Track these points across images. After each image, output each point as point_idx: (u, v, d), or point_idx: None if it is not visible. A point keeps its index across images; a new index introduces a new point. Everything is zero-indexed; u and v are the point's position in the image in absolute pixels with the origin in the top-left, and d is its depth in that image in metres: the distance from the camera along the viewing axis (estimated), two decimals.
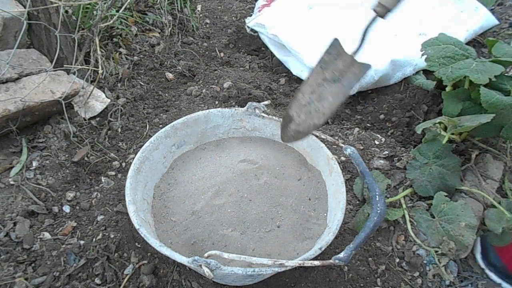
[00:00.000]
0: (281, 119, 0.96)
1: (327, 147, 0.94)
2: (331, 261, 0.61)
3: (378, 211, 0.69)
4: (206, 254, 0.63)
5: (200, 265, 0.61)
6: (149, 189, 0.90)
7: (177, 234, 0.82)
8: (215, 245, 0.79)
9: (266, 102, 1.00)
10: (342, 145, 0.89)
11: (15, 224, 0.94)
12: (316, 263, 0.63)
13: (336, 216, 0.77)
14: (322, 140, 0.94)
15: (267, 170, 0.92)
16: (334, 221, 0.77)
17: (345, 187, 0.82)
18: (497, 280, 0.95)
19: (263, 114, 0.98)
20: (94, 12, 1.37)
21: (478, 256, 1.00)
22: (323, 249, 0.70)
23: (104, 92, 1.32)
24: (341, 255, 0.62)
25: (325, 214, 0.87)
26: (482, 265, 0.98)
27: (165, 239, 0.82)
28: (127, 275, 0.89)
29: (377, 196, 0.71)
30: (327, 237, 0.73)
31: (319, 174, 0.95)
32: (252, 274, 0.62)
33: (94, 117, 1.25)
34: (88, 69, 1.27)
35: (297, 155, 0.99)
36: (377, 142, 1.24)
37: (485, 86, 1.01)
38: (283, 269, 0.64)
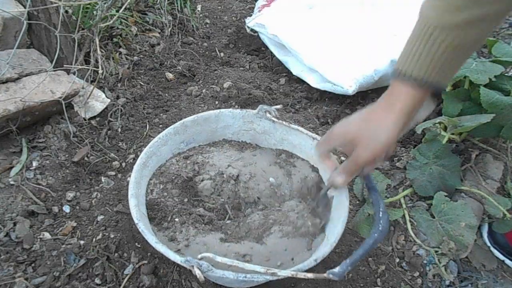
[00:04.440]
0: (290, 124, 0.96)
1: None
2: (324, 275, 0.60)
3: (380, 229, 0.67)
4: (199, 256, 0.62)
5: (192, 266, 0.61)
6: None
7: None
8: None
9: (277, 106, 0.98)
10: None
11: (15, 224, 0.94)
12: (309, 275, 0.62)
13: (336, 228, 0.76)
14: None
15: (274, 176, 0.92)
16: (334, 233, 0.75)
17: (348, 199, 0.80)
18: (501, 257, 1.03)
19: (273, 118, 0.97)
20: (94, 12, 1.37)
21: (485, 235, 1.06)
22: (318, 261, 0.69)
23: (104, 92, 1.32)
24: (336, 270, 0.60)
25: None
26: (488, 243, 1.04)
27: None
28: (127, 275, 0.89)
29: (381, 213, 0.69)
30: (324, 249, 0.71)
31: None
32: (244, 280, 0.62)
33: (94, 117, 1.25)
34: (88, 69, 1.27)
35: (306, 163, 0.97)
36: None
37: (485, 86, 1.01)
38: (275, 278, 0.63)
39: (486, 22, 0.52)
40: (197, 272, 0.60)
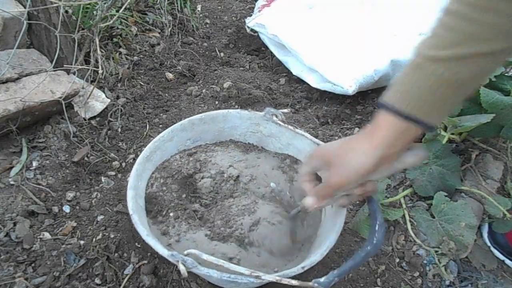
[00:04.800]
0: (296, 129, 0.94)
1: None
2: (310, 284, 0.60)
3: (374, 242, 0.64)
4: (185, 252, 0.62)
5: (178, 261, 0.61)
6: None
7: None
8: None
9: (285, 110, 0.97)
10: None
11: (15, 224, 0.94)
12: (294, 282, 0.61)
13: (329, 237, 0.74)
14: None
15: (276, 181, 0.92)
16: (326, 242, 0.74)
17: (345, 210, 0.79)
18: (501, 257, 1.02)
19: (279, 122, 0.96)
20: (94, 12, 1.37)
21: (485, 235, 1.05)
22: (305, 268, 0.68)
23: (104, 92, 1.32)
24: (322, 279, 0.59)
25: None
26: (488, 243, 1.04)
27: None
28: (127, 275, 0.89)
29: (377, 226, 0.66)
30: (313, 257, 0.71)
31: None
32: (228, 280, 0.62)
33: (94, 117, 1.25)
34: (88, 69, 1.27)
35: None
36: None
37: (485, 86, 1.01)
38: (259, 281, 0.62)
39: (487, 59, 0.47)
40: (181, 267, 0.60)
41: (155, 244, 0.68)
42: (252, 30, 1.72)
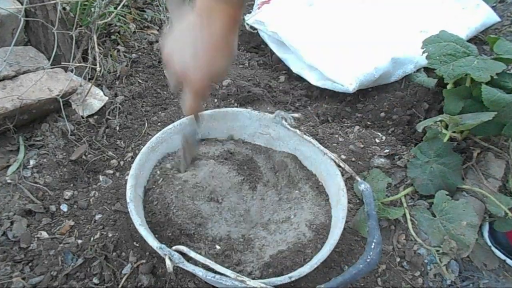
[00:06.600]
0: (303, 135, 0.94)
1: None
2: None
3: (368, 260, 0.62)
4: (174, 247, 0.63)
5: (165, 255, 0.62)
6: None
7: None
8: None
9: (296, 115, 0.97)
10: (359, 179, 0.87)
11: (12, 223, 0.93)
12: None
13: (323, 250, 0.73)
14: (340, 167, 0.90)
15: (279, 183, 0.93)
16: (318, 255, 0.72)
17: (344, 222, 0.78)
18: (502, 256, 1.02)
19: (287, 126, 0.95)
20: (92, 9, 1.36)
21: (486, 234, 1.05)
22: (293, 279, 0.67)
23: (102, 90, 1.31)
24: None
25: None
26: (489, 243, 1.04)
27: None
28: (125, 274, 0.88)
29: (373, 244, 0.65)
30: (302, 269, 0.69)
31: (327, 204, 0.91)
32: (212, 280, 0.62)
33: (92, 115, 1.24)
34: (86, 66, 1.26)
35: (314, 178, 0.96)
36: (377, 140, 1.24)
37: (486, 83, 1.00)
38: (243, 285, 0.62)
39: None
40: (167, 262, 0.62)
41: (147, 235, 0.68)
42: (251, 27, 1.71)
